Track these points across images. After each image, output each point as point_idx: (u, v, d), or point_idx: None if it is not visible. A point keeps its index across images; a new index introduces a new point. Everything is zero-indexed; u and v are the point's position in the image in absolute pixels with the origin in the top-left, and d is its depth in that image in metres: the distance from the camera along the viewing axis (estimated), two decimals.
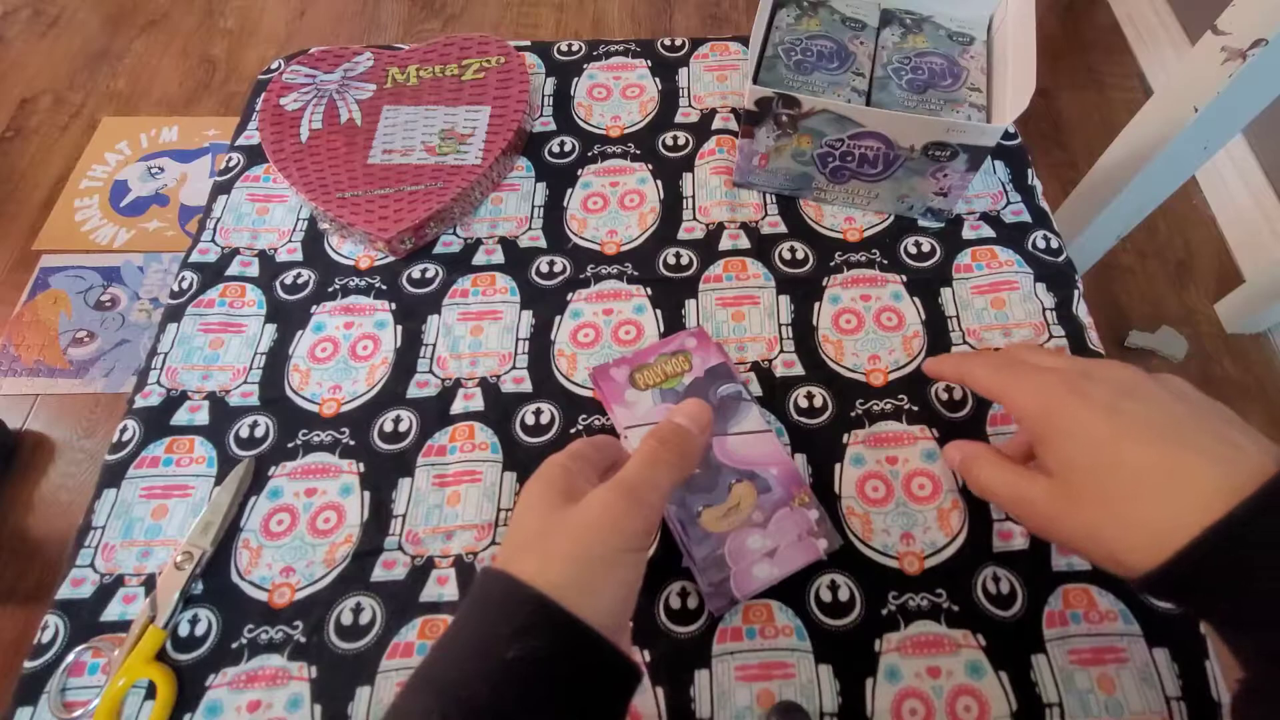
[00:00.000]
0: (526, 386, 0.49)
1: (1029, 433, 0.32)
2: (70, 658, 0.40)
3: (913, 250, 0.54)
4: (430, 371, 0.50)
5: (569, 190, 0.58)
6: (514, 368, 0.49)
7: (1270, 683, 0.26)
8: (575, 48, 0.67)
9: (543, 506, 0.30)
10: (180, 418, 0.48)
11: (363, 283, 0.54)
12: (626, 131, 0.61)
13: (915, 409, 0.47)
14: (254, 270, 0.55)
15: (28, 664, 0.40)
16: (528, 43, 0.67)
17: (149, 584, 0.42)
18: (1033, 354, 0.36)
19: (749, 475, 0.42)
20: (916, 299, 0.52)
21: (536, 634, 0.26)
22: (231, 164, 0.61)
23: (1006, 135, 0.59)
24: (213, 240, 0.56)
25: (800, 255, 0.54)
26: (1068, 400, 0.31)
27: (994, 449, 0.36)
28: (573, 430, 0.47)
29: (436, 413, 0.48)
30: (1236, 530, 0.24)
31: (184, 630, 0.41)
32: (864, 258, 0.54)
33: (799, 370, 0.49)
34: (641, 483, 0.30)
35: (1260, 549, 0.25)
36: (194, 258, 0.55)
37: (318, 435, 0.47)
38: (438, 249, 0.55)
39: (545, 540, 0.29)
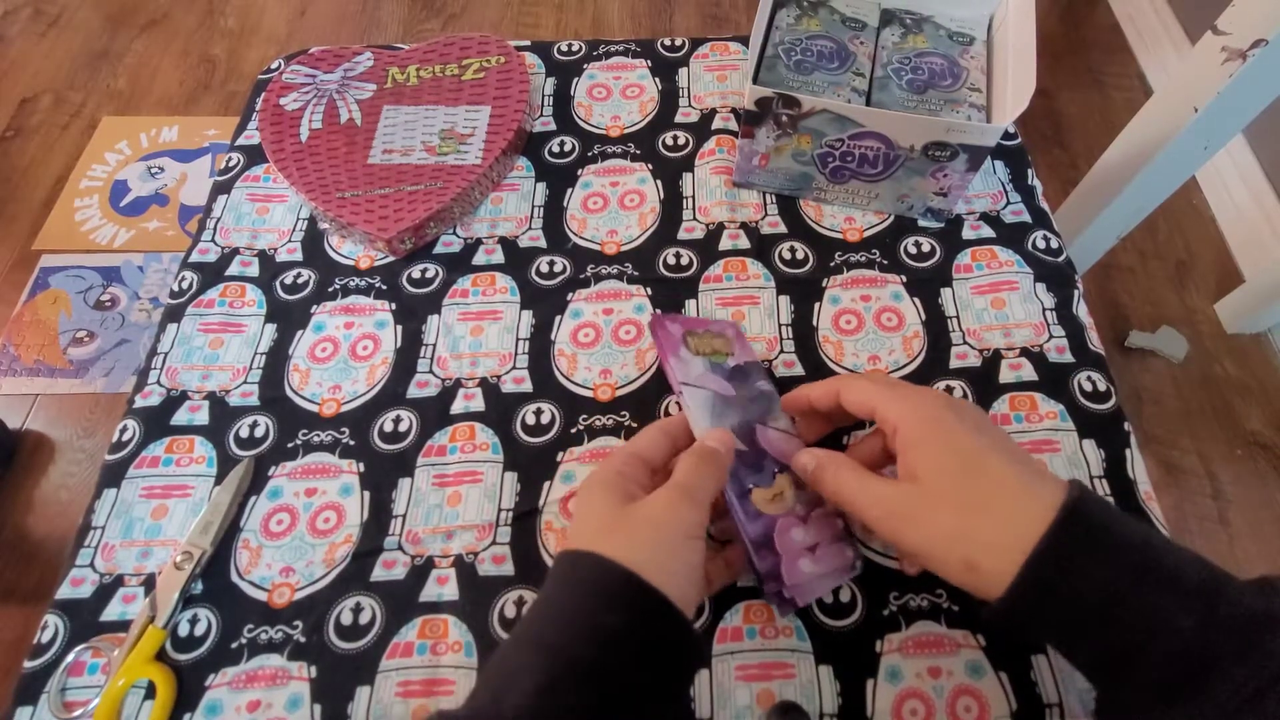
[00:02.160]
0: (527, 386, 0.49)
1: (903, 440, 0.34)
2: (70, 657, 0.40)
3: (913, 250, 0.54)
4: (430, 371, 0.50)
5: (569, 190, 0.58)
6: (514, 368, 0.49)
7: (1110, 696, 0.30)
8: (575, 48, 0.67)
9: (607, 505, 0.34)
10: (180, 418, 0.48)
11: (363, 283, 0.54)
12: (626, 131, 0.61)
13: None
14: (254, 270, 0.55)
15: (28, 664, 0.40)
16: (528, 42, 0.67)
17: (149, 584, 0.42)
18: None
19: (787, 468, 0.41)
20: (916, 299, 0.52)
21: (631, 606, 0.30)
22: (231, 164, 0.61)
23: (1006, 135, 0.59)
24: (213, 240, 0.56)
25: (800, 255, 0.54)
26: (946, 414, 0.34)
27: (848, 457, 0.38)
28: (573, 430, 0.47)
29: (436, 413, 0.48)
30: (1054, 542, 0.29)
31: (184, 630, 0.41)
32: (864, 258, 0.54)
33: (799, 370, 0.49)
34: (693, 485, 0.35)
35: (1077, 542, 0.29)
36: (194, 258, 0.55)
37: (318, 435, 0.47)
38: (438, 249, 0.55)
39: (620, 529, 0.33)
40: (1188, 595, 0.27)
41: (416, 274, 0.54)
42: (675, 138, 0.61)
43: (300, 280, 0.54)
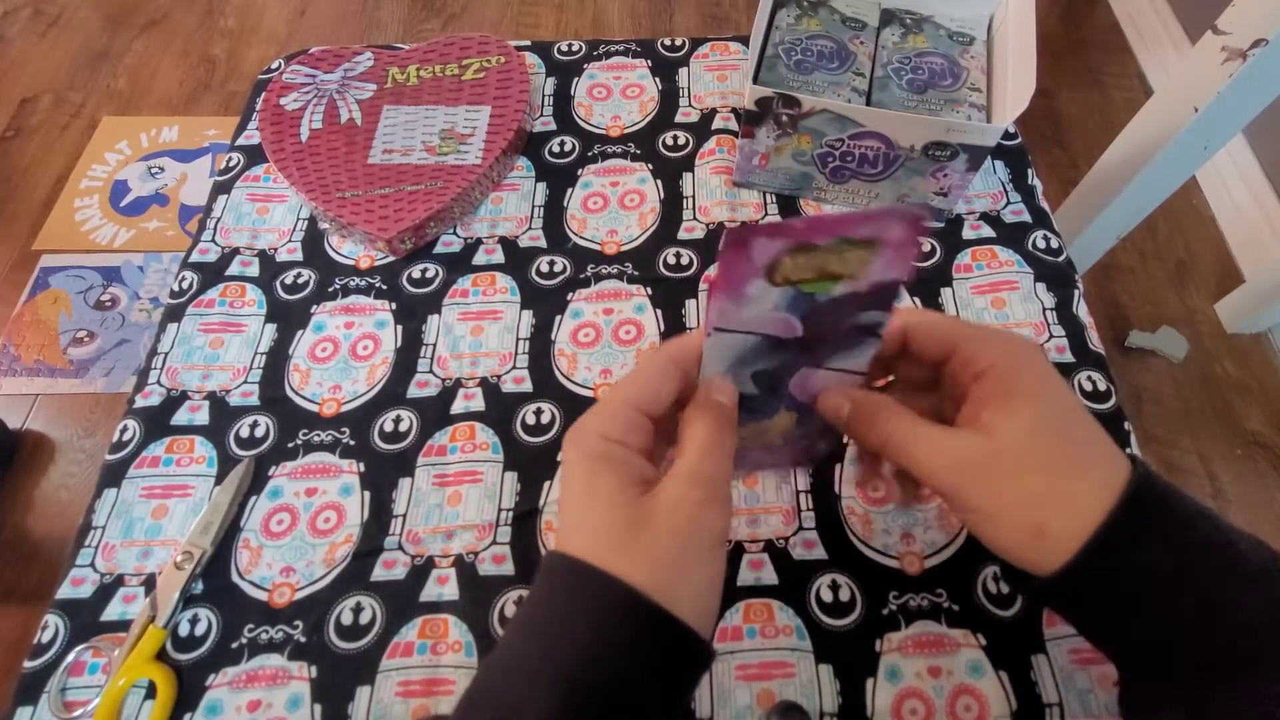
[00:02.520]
0: (527, 386, 0.49)
1: (993, 385, 0.30)
2: (70, 657, 0.40)
3: None
4: (430, 371, 0.50)
5: (569, 190, 0.58)
6: (514, 367, 0.49)
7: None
8: (575, 47, 0.67)
9: (614, 498, 0.29)
10: (180, 417, 0.48)
11: (363, 282, 0.54)
12: (627, 131, 0.61)
13: None
14: (254, 270, 0.55)
15: (28, 664, 0.40)
16: (528, 42, 0.67)
17: (149, 584, 0.42)
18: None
19: (803, 408, 0.34)
20: (916, 299, 0.52)
21: (649, 636, 0.27)
22: (231, 164, 0.61)
23: (1006, 135, 0.59)
24: (213, 240, 0.56)
25: None
26: (1039, 362, 0.30)
27: (891, 398, 0.32)
28: None
29: (437, 412, 0.48)
30: (1128, 507, 0.27)
31: (184, 630, 0.41)
32: None
33: None
34: (716, 476, 0.30)
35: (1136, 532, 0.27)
36: (194, 257, 0.55)
37: (318, 435, 0.47)
38: (438, 249, 0.55)
39: (637, 539, 0.28)
40: (1247, 575, 0.26)
41: (416, 274, 0.54)
42: (675, 138, 0.61)
43: (300, 280, 0.54)
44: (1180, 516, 0.28)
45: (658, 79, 0.65)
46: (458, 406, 0.48)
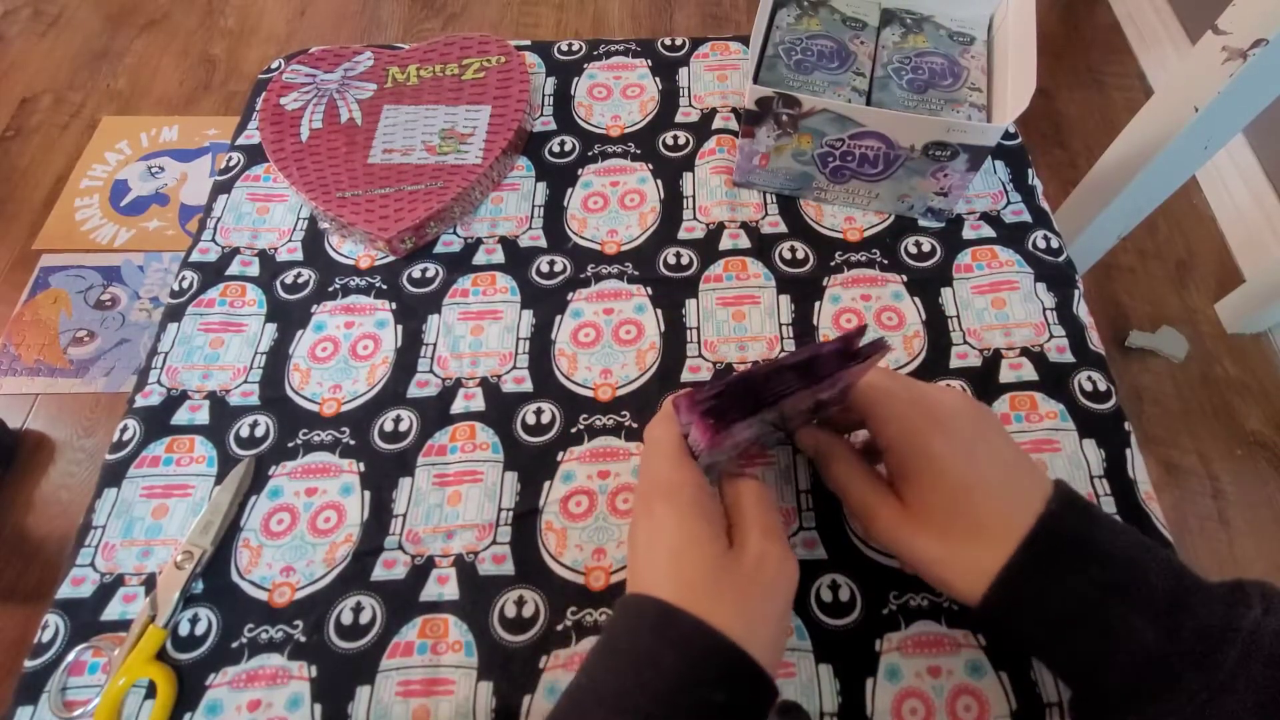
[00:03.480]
0: (527, 386, 0.49)
1: (892, 464, 0.35)
2: (70, 657, 0.40)
3: (913, 250, 0.54)
4: (431, 371, 0.50)
5: (569, 190, 0.58)
6: (514, 367, 0.49)
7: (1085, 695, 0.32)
8: (575, 47, 0.67)
9: (711, 547, 0.32)
10: (180, 417, 0.48)
11: (363, 282, 0.54)
12: (627, 131, 0.61)
13: None
14: (254, 270, 0.55)
15: (28, 663, 0.40)
16: (528, 42, 0.67)
17: (149, 583, 0.42)
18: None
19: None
20: (917, 299, 0.52)
21: (737, 687, 0.30)
22: (231, 163, 0.61)
23: (1007, 135, 0.59)
24: (213, 240, 0.56)
25: (800, 255, 0.54)
26: (937, 445, 0.34)
27: (850, 448, 0.39)
28: (573, 430, 0.47)
29: (437, 412, 0.48)
30: (1017, 565, 0.31)
31: (184, 629, 0.41)
32: (864, 257, 0.54)
33: None
34: (778, 523, 0.35)
35: (1036, 576, 0.31)
36: (194, 257, 0.55)
37: (318, 435, 0.47)
38: (438, 248, 0.55)
39: (730, 590, 0.31)
40: (1151, 609, 0.29)
41: (417, 273, 0.54)
42: (675, 137, 0.61)
43: (300, 280, 0.54)
44: (1086, 560, 0.30)
45: (658, 79, 0.65)
46: (458, 406, 0.48)
